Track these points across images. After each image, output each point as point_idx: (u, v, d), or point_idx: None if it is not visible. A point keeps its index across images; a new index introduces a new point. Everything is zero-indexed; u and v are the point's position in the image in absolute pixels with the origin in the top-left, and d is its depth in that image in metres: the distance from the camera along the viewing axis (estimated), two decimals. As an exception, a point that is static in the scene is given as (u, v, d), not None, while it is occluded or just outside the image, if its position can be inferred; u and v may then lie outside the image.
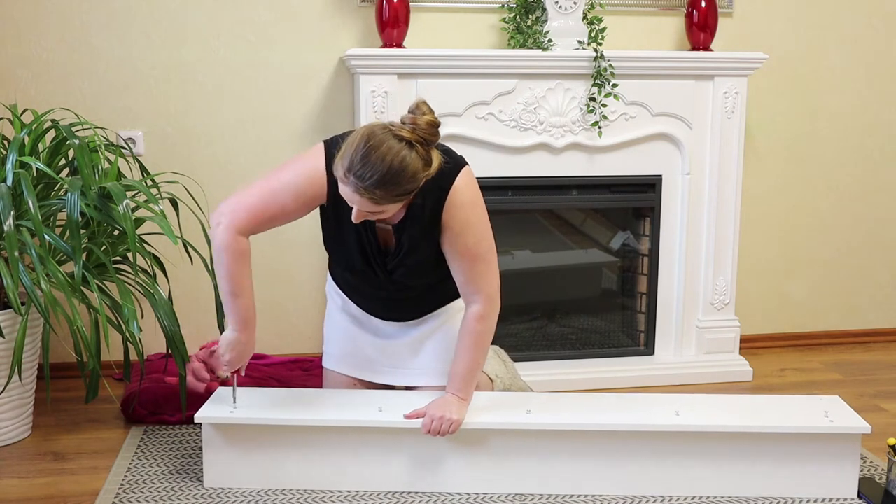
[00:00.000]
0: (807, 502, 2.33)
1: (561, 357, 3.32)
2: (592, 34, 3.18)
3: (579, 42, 3.12)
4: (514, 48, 3.16)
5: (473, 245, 2.28)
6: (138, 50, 3.12)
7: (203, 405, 2.37)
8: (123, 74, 3.13)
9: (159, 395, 2.81)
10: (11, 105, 2.82)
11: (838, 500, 2.34)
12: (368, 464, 2.34)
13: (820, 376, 3.39)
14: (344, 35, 3.22)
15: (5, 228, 2.34)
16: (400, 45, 3.08)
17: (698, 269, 3.31)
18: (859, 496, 2.35)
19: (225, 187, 3.14)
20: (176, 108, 3.18)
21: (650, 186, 3.25)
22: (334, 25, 3.21)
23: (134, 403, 2.80)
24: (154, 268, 2.74)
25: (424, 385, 2.50)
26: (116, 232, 2.69)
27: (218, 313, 2.80)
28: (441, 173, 2.18)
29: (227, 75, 3.19)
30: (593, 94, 3.10)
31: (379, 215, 2.16)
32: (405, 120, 2.11)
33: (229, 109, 3.21)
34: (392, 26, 3.04)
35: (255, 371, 3.07)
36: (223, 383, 2.66)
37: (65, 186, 2.54)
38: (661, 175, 3.24)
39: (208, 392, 2.62)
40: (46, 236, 2.42)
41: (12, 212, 2.35)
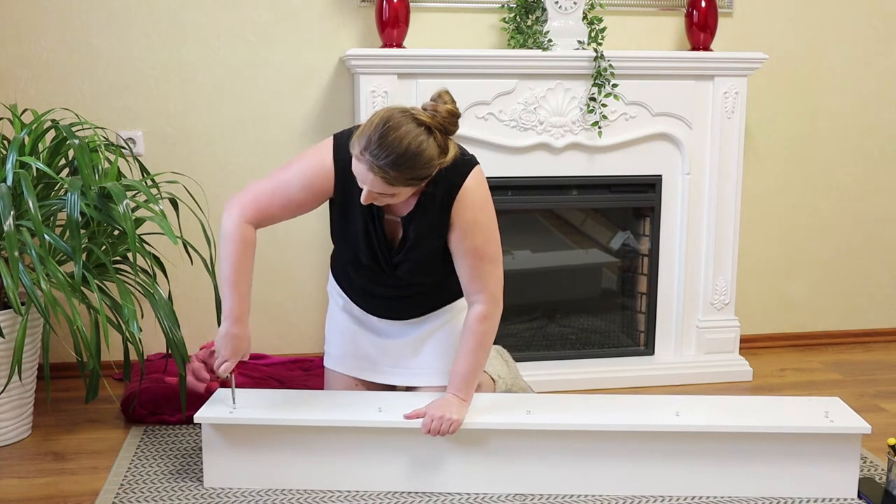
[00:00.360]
0: (807, 502, 2.33)
1: (561, 357, 3.32)
2: (592, 34, 3.18)
3: (579, 42, 3.12)
4: (514, 48, 3.16)
5: (481, 245, 2.28)
6: (138, 50, 3.12)
7: (203, 405, 2.37)
8: (123, 74, 3.13)
9: (159, 395, 2.81)
10: (11, 105, 2.82)
11: (838, 500, 2.34)
12: (368, 464, 2.34)
13: (820, 376, 3.39)
14: (344, 35, 3.22)
15: (5, 228, 2.34)
16: (400, 45, 3.08)
17: (698, 269, 3.31)
18: (859, 496, 2.35)
19: (225, 187, 3.14)
20: (176, 108, 3.18)
21: (650, 186, 3.25)
22: (334, 25, 3.21)
23: (134, 403, 2.80)
24: (154, 268, 2.75)
25: (425, 385, 2.50)
26: (116, 232, 2.69)
27: (218, 313, 2.80)
28: (454, 167, 2.19)
29: (227, 75, 3.19)
30: (593, 94, 3.10)
31: (388, 199, 2.16)
32: (426, 106, 2.13)
33: (229, 109, 3.21)
34: (392, 26, 3.04)
35: (255, 371, 3.07)
36: (223, 383, 2.66)
37: (65, 186, 2.54)
38: (661, 175, 3.24)
39: (208, 392, 2.63)
40: (46, 236, 2.42)
41: (12, 212, 2.35)
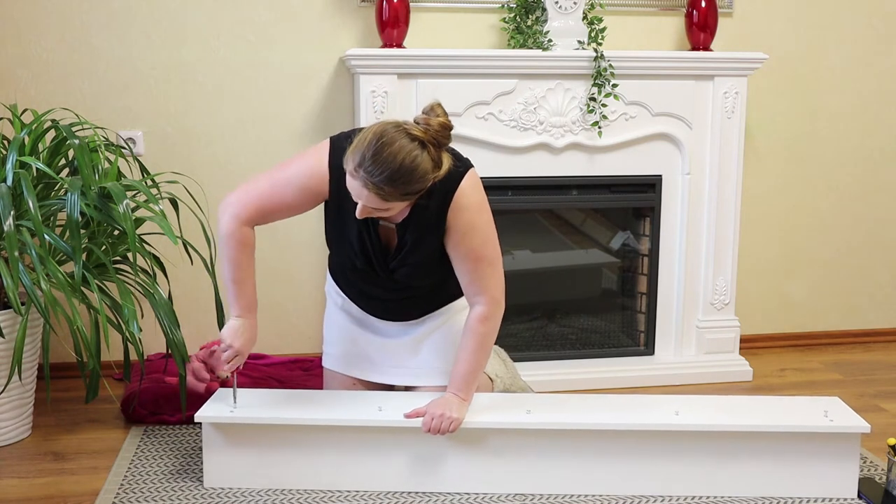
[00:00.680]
0: (807, 502, 2.33)
1: (561, 357, 3.32)
2: (592, 34, 3.18)
3: (579, 42, 3.12)
4: (514, 48, 3.16)
5: (478, 247, 2.28)
6: (138, 50, 3.12)
7: (203, 405, 2.37)
8: (123, 74, 3.13)
9: (159, 395, 2.81)
10: (11, 105, 2.82)
11: (838, 500, 2.34)
12: (368, 464, 2.34)
13: (820, 376, 3.39)
14: (344, 35, 3.22)
15: (5, 228, 2.34)
16: (400, 45, 3.08)
17: (698, 269, 3.31)
18: (859, 496, 2.35)
19: (225, 187, 3.12)
20: (176, 108, 3.18)
21: (650, 186, 3.25)
22: (334, 25, 3.21)
23: (134, 403, 2.79)
24: (154, 268, 2.75)
25: (424, 384, 2.50)
26: (116, 232, 2.69)
27: (218, 313, 2.80)
28: (448, 176, 2.19)
29: (227, 75, 3.19)
30: (593, 94, 3.10)
31: (383, 213, 2.17)
32: (418, 120, 2.13)
33: (229, 109, 3.21)
34: (392, 26, 3.04)
35: (255, 371, 3.07)
36: (223, 383, 2.66)
37: (65, 186, 2.54)
38: (661, 175, 3.24)
39: (208, 392, 2.62)
40: (46, 236, 2.42)
41: (12, 212, 2.35)
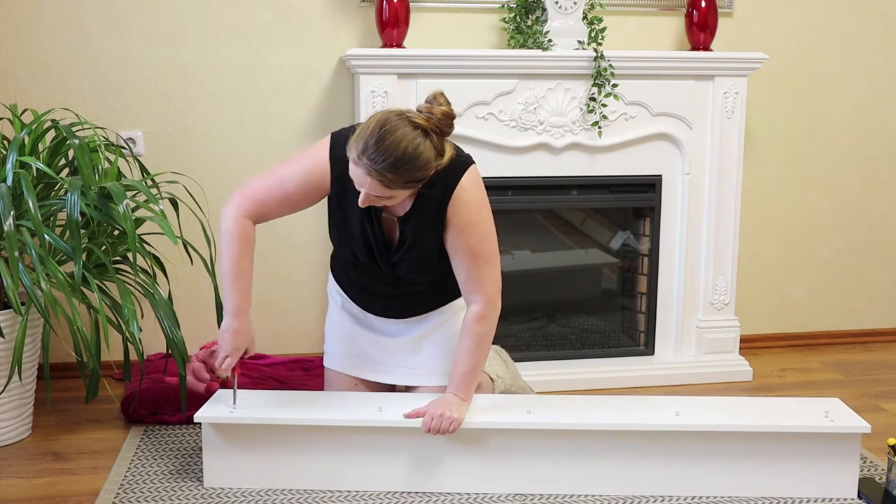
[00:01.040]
0: (807, 502, 2.33)
1: (561, 357, 3.32)
2: (592, 34, 3.18)
3: (579, 42, 3.12)
4: (514, 48, 3.16)
5: (476, 244, 2.28)
6: (138, 50, 3.12)
7: (203, 405, 2.37)
8: (123, 74, 3.13)
9: (159, 395, 2.81)
10: (11, 105, 2.82)
11: (838, 500, 2.34)
12: (368, 464, 2.34)
13: (820, 376, 3.39)
14: (344, 35, 3.22)
15: (5, 228, 2.34)
16: (400, 45, 3.08)
17: (698, 269, 3.31)
18: (859, 496, 2.35)
19: (225, 187, 3.14)
20: (176, 108, 3.18)
21: (650, 186, 3.25)
22: (334, 25, 3.21)
23: (134, 403, 2.79)
24: (154, 268, 2.75)
25: (424, 384, 2.50)
26: (116, 232, 2.69)
27: (218, 313, 2.80)
28: (450, 168, 2.20)
29: (227, 75, 3.19)
30: (593, 94, 3.10)
31: (386, 201, 2.17)
32: (421, 109, 2.14)
33: (229, 109, 3.21)
34: (392, 26, 3.04)
35: (255, 371, 3.07)
36: (223, 383, 2.66)
37: (65, 186, 2.54)
38: (661, 175, 3.24)
39: (208, 392, 2.63)
40: (46, 236, 2.42)
41: (12, 212, 2.35)
